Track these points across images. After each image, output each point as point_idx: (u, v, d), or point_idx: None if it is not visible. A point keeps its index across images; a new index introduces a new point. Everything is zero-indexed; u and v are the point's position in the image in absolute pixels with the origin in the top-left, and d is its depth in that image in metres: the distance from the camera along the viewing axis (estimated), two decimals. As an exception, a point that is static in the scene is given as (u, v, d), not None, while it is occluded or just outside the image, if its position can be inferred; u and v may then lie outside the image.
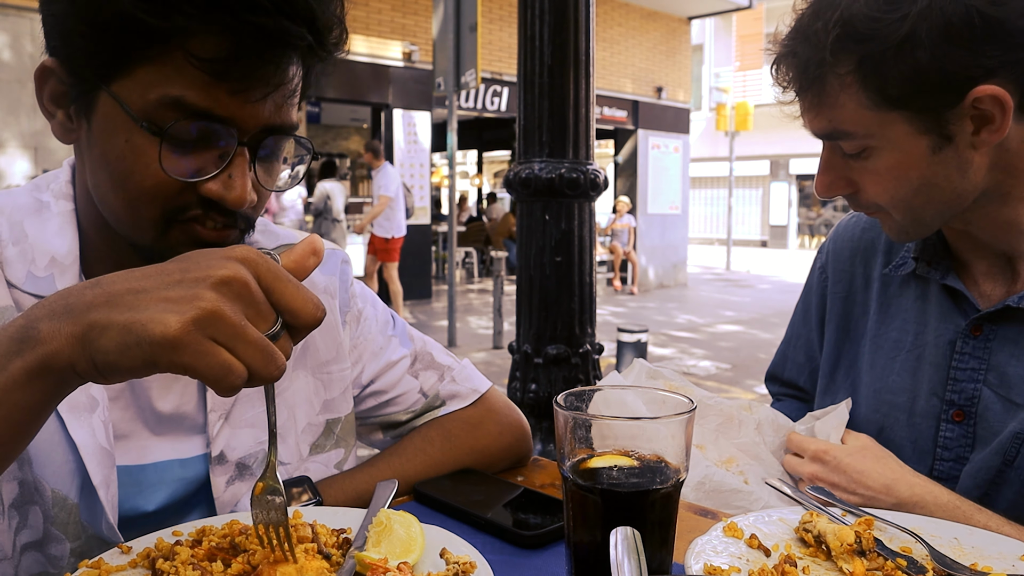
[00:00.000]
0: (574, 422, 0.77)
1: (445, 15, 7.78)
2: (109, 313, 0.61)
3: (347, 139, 18.73)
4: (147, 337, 0.59)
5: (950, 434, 1.11)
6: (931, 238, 1.17)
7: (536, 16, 2.79)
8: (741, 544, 0.87)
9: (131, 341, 0.60)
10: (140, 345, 0.59)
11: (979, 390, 1.09)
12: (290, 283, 0.66)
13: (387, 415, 1.21)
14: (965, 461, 1.10)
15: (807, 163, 26.93)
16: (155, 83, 0.81)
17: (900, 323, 1.20)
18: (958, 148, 1.00)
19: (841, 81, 1.01)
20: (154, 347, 0.59)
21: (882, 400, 1.19)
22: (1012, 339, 1.08)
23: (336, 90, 10.82)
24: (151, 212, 0.86)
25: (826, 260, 1.35)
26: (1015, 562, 0.83)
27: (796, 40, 1.05)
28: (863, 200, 1.10)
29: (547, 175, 2.78)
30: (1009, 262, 1.11)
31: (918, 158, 1.01)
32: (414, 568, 0.78)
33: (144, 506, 0.97)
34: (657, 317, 11.47)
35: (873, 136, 1.02)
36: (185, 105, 0.81)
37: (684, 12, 15.60)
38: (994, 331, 1.09)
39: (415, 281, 12.12)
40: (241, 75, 0.81)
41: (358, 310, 1.19)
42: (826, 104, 1.04)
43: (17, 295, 0.91)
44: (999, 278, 1.12)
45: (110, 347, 0.60)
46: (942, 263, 1.15)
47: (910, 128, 1.00)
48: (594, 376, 3.00)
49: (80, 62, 0.84)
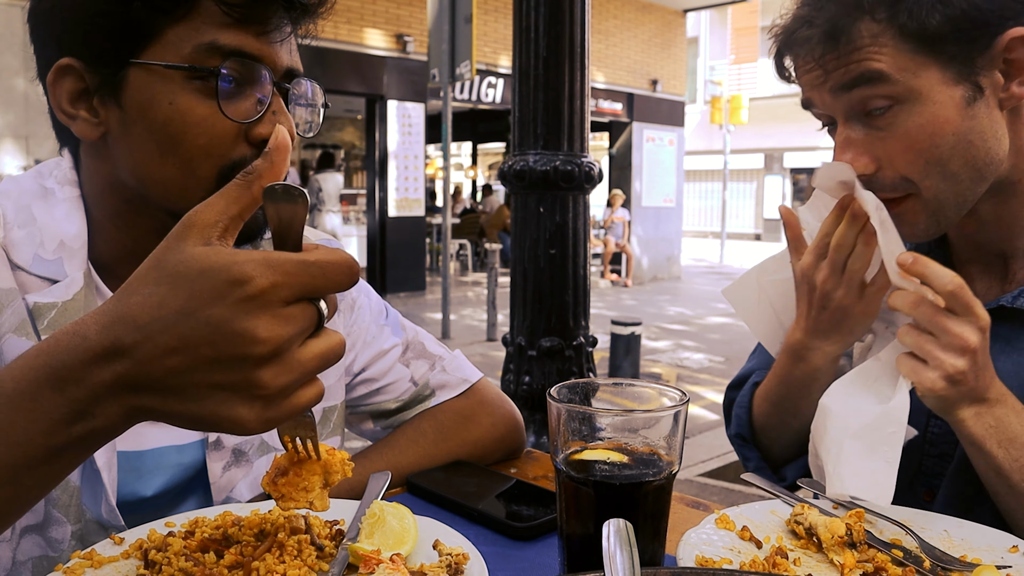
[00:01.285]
0: (567, 414, 0.77)
1: (440, 6, 7.75)
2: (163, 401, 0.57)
3: (341, 130, 18.68)
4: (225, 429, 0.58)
5: (937, 430, 1.11)
6: (931, 241, 1.14)
7: (531, 8, 2.79)
8: (733, 536, 0.87)
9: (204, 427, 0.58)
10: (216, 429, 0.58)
11: None
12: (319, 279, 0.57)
13: (377, 403, 1.22)
14: (949, 458, 1.09)
15: (802, 157, 26.97)
16: (187, 37, 0.87)
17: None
18: (988, 104, 0.99)
19: (878, 24, 0.97)
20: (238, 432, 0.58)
21: None
22: (1004, 337, 1.07)
23: (330, 81, 10.77)
24: (207, 170, 0.89)
25: None
26: (1004, 554, 0.84)
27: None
28: (888, 178, 1.01)
29: (542, 167, 2.78)
30: (1004, 262, 1.11)
31: (953, 111, 0.98)
32: (407, 559, 0.78)
33: (142, 491, 0.98)
34: (651, 310, 11.49)
35: (909, 82, 0.97)
36: (220, 47, 0.87)
37: (679, 5, 15.58)
38: None
39: (409, 273, 12.11)
40: (262, 17, 0.89)
41: (352, 299, 1.20)
42: (861, 48, 0.98)
43: (23, 277, 0.92)
44: (993, 277, 1.12)
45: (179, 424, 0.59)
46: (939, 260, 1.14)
47: (944, 76, 0.97)
48: (588, 368, 3.00)
49: (103, 46, 0.87)
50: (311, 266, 0.56)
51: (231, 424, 0.56)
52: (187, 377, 0.55)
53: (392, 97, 11.57)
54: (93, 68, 0.89)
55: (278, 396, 0.57)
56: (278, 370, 0.55)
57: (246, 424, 0.56)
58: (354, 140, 18.43)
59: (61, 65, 0.89)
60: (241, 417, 0.56)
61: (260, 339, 0.54)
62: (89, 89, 0.90)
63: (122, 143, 0.91)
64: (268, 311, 0.54)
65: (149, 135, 0.88)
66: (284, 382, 0.56)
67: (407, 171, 11.86)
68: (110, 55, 0.87)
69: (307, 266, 0.56)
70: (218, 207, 0.58)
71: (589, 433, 0.78)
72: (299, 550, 0.80)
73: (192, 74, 0.86)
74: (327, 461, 0.70)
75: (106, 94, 0.89)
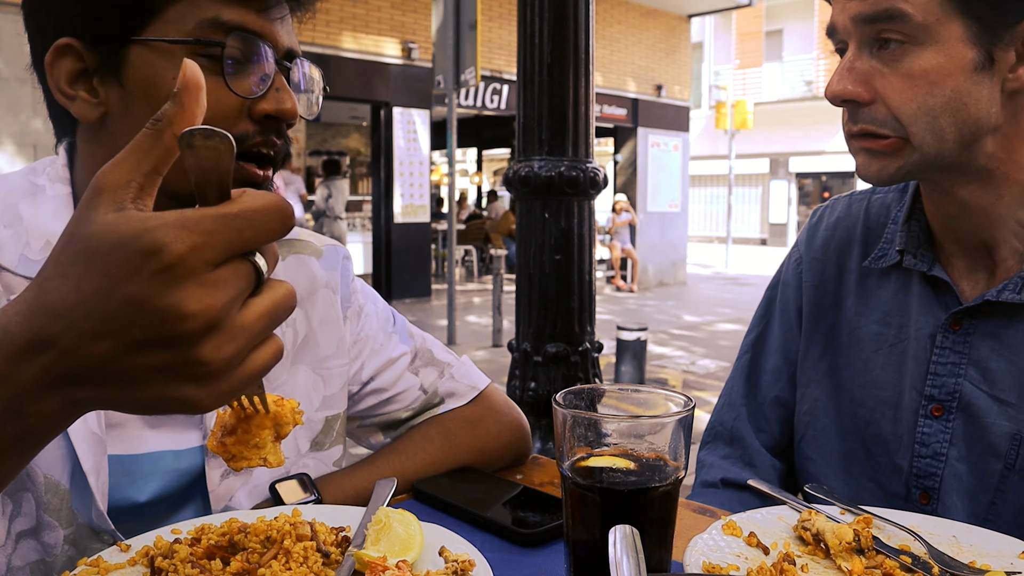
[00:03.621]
0: (573, 420, 0.77)
1: (445, 13, 7.77)
2: (103, 390, 0.52)
3: (347, 137, 18.72)
4: (179, 410, 0.53)
5: (928, 429, 1.10)
6: (915, 229, 1.15)
7: (536, 14, 2.79)
8: (740, 542, 0.87)
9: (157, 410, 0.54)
10: (171, 411, 0.54)
11: (960, 384, 1.08)
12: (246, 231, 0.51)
13: (387, 413, 1.21)
14: (943, 457, 1.09)
15: (807, 161, 26.94)
16: (189, 13, 0.87)
17: (881, 316, 1.19)
18: (993, 77, 0.99)
19: None
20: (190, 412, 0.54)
21: (868, 394, 1.18)
22: (992, 333, 1.07)
23: (335, 88, 10.80)
24: None
25: (802, 252, 1.33)
26: (1013, 560, 0.83)
27: None
28: (878, 113, 1.03)
29: (547, 173, 2.78)
30: (988, 254, 1.10)
31: (959, 68, 0.99)
32: (413, 566, 0.78)
33: (136, 497, 0.96)
34: (657, 315, 11.47)
35: (930, 27, 0.98)
36: (223, 23, 0.87)
37: (684, 10, 15.59)
38: (974, 325, 1.08)
39: (414, 279, 12.12)
40: None
41: (359, 306, 1.19)
42: None
43: (8, 278, 0.91)
44: (980, 272, 1.11)
45: (130, 411, 0.55)
46: (927, 255, 1.14)
47: (964, 34, 0.98)
48: (593, 374, 3.00)
49: (104, 25, 0.88)
50: (234, 219, 0.50)
51: (182, 406, 0.52)
52: (121, 363, 0.50)
53: (397, 104, 11.60)
54: (93, 47, 0.89)
55: (226, 369, 0.51)
56: (218, 342, 0.50)
57: (198, 404, 0.52)
58: (359, 147, 18.47)
59: (60, 45, 0.89)
60: (190, 397, 0.52)
61: (189, 314, 0.48)
62: (88, 69, 0.90)
63: (123, 122, 0.91)
64: (192, 280, 0.49)
65: (152, 112, 0.88)
66: (228, 353, 0.51)
67: (412, 177, 11.88)
68: (111, 33, 0.88)
69: (229, 219, 0.50)
70: (128, 164, 0.51)
71: (595, 439, 0.77)
72: (305, 557, 0.79)
73: (196, 49, 0.87)
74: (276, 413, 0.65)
75: (107, 73, 0.89)
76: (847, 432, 1.20)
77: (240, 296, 0.51)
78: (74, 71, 0.90)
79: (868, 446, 1.17)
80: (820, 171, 27.40)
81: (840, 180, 27.46)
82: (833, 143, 25.12)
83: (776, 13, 26.61)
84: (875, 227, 1.24)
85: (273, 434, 0.65)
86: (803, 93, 25.99)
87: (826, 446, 1.22)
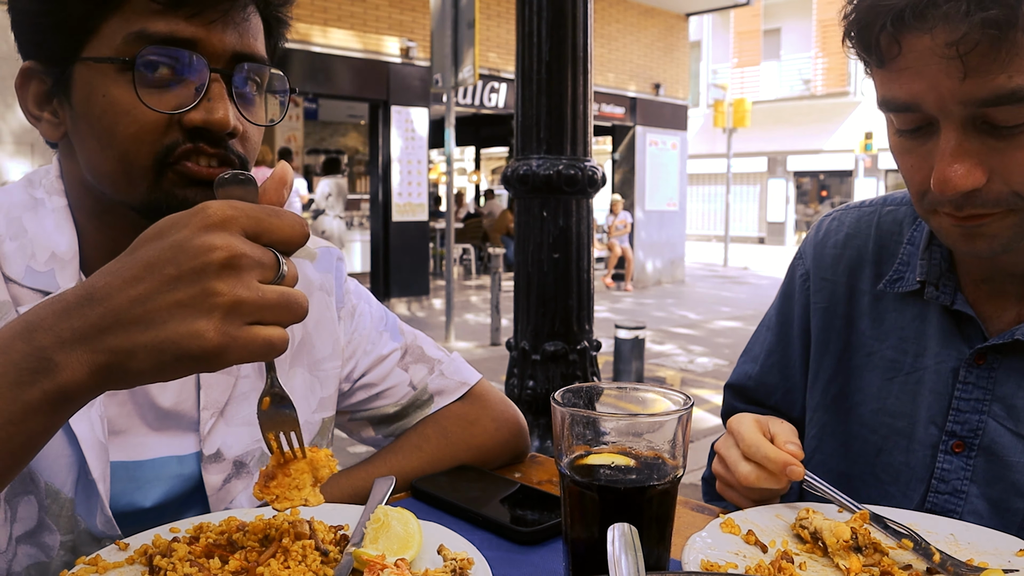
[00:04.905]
0: (572, 419, 0.77)
1: (443, 11, 7.76)
2: (127, 335, 0.60)
3: (345, 135, 18.70)
4: (187, 353, 0.60)
5: (948, 465, 1.06)
6: (936, 257, 1.10)
7: (534, 12, 2.79)
8: (738, 540, 0.87)
9: (168, 360, 0.61)
10: (181, 361, 0.61)
11: (984, 422, 1.04)
12: (273, 218, 0.65)
13: (376, 408, 1.21)
14: (963, 495, 1.05)
15: (805, 160, 26.95)
16: (119, 29, 0.86)
17: (896, 342, 1.14)
18: None
19: None
20: (198, 361, 0.61)
21: (881, 422, 1.14)
22: (1018, 369, 1.02)
23: (333, 86, 10.79)
24: (142, 159, 0.87)
25: (808, 268, 1.27)
26: (1011, 558, 0.83)
27: None
28: (994, 192, 0.91)
29: (545, 172, 2.78)
30: (1019, 283, 1.05)
31: None
32: (412, 564, 0.78)
33: (141, 502, 0.97)
34: (655, 313, 11.48)
35: None
36: (148, 35, 0.85)
37: (682, 8, 15.58)
38: (999, 360, 1.04)
39: (413, 278, 12.11)
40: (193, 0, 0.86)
41: (352, 306, 1.20)
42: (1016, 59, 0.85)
43: (16, 290, 0.92)
44: (1006, 299, 1.06)
45: (144, 368, 0.61)
46: (949, 285, 1.08)
47: None
48: (592, 373, 3.00)
49: (51, 46, 0.88)
50: (266, 208, 0.65)
51: (191, 338, 0.60)
52: (150, 303, 0.60)
53: (395, 102, 11.58)
54: (47, 69, 0.90)
55: (235, 309, 0.61)
56: (233, 282, 0.61)
57: (205, 336, 0.60)
58: (358, 145, 18.44)
59: (24, 68, 0.91)
60: (200, 329, 0.60)
61: (215, 246, 0.60)
62: (49, 91, 0.91)
63: (76, 141, 0.91)
64: (225, 230, 0.62)
65: (91, 130, 0.88)
66: (240, 295, 0.61)
67: (410, 176, 11.86)
68: (58, 54, 0.88)
69: (262, 208, 0.64)
70: None
71: (593, 437, 0.78)
72: (304, 555, 0.79)
73: (119, 66, 0.86)
74: (312, 458, 0.72)
75: (61, 94, 0.90)
76: (856, 457, 1.17)
77: (259, 264, 0.63)
78: (39, 93, 0.92)
79: (878, 473, 1.14)
80: (818, 170, 27.42)
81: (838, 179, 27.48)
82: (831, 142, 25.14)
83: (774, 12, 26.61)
84: (888, 244, 1.18)
85: (311, 478, 0.73)
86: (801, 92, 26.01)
87: (834, 470, 1.19)
